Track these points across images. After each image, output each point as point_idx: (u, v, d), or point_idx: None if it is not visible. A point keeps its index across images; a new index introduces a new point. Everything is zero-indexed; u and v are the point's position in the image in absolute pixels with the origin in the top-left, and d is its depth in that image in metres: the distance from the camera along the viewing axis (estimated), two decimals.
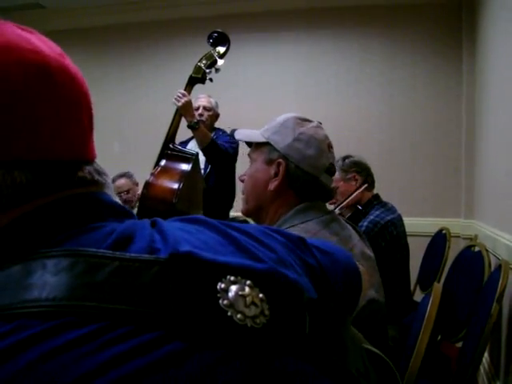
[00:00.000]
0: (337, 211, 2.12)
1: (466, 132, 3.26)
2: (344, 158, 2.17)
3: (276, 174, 1.08)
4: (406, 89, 3.44)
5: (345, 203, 2.11)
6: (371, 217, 1.98)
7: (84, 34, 4.06)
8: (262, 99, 3.60)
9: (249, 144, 1.21)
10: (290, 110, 1.19)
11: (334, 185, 2.05)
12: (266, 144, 1.11)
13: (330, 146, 1.12)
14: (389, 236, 1.95)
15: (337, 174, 2.13)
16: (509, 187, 2.05)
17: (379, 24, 3.50)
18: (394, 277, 2.02)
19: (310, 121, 1.13)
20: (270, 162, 1.10)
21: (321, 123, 1.15)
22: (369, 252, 1.15)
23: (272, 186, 1.08)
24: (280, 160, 1.08)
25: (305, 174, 1.07)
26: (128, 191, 3.05)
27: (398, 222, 2.05)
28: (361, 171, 2.14)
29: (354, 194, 2.10)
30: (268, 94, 3.63)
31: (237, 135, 1.21)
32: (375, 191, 2.22)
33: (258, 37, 3.73)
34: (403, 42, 3.45)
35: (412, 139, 3.42)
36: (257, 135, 1.14)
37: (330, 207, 2.09)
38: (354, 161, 2.17)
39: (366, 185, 2.14)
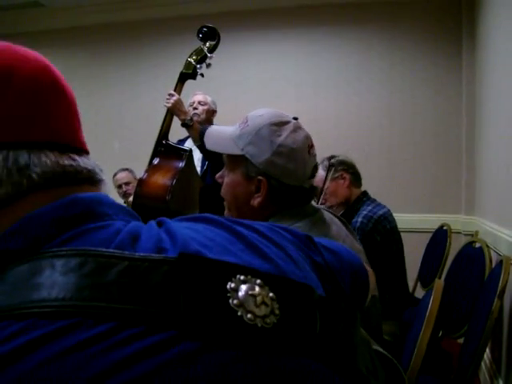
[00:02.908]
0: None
1: (466, 128, 3.26)
2: (329, 158, 2.18)
3: (258, 189, 1.02)
4: (405, 85, 3.44)
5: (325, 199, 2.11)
6: (364, 212, 2.00)
7: (83, 32, 4.05)
8: (261, 97, 3.59)
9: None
10: (289, 107, 1.16)
11: (322, 185, 2.06)
12: (243, 156, 1.02)
13: (310, 147, 1.04)
14: (383, 230, 1.97)
15: (324, 175, 2.13)
16: (509, 183, 2.05)
17: (378, 20, 3.49)
18: (391, 271, 2.03)
19: (286, 122, 1.03)
20: (248, 178, 1.02)
21: (297, 118, 1.06)
22: (358, 245, 1.14)
23: (255, 202, 1.02)
24: (260, 177, 1.01)
25: (288, 187, 1.02)
26: (128, 183, 3.09)
27: (389, 217, 2.06)
28: (347, 169, 2.15)
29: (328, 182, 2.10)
30: (267, 91, 3.62)
31: (208, 145, 1.11)
32: (375, 188, 2.22)
33: (257, 34, 3.72)
34: (403, 39, 3.44)
35: (412, 136, 3.42)
36: (230, 144, 1.04)
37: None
38: (339, 160, 2.18)
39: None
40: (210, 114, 2.75)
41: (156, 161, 1.84)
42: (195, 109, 2.64)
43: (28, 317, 0.33)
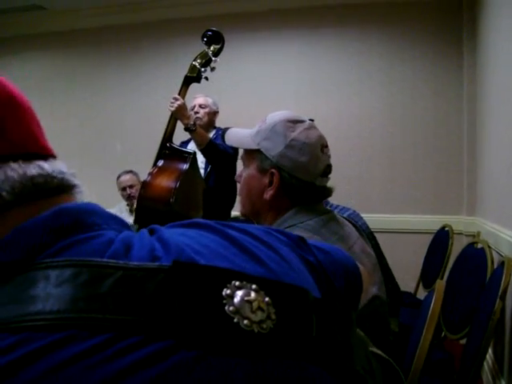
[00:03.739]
0: None
1: (468, 129, 3.25)
2: None
3: (270, 183, 1.06)
4: (406, 86, 3.44)
5: None
6: None
7: (84, 34, 4.06)
8: (262, 98, 3.59)
9: None
10: (290, 109, 1.16)
11: None
12: (258, 150, 1.07)
13: (324, 146, 1.08)
14: None
15: None
16: (511, 184, 2.05)
17: (379, 21, 3.49)
18: None
19: (301, 121, 1.08)
20: (263, 171, 1.07)
21: (313, 120, 1.10)
22: (369, 249, 1.15)
23: (267, 195, 1.06)
24: (273, 170, 1.05)
25: (299, 181, 1.04)
26: (132, 186, 3.09)
27: (355, 217, 2.05)
28: None
29: None
30: (269, 92, 3.63)
31: (227, 140, 1.17)
32: (377, 189, 2.22)
33: (258, 36, 3.73)
34: (403, 39, 3.45)
35: (413, 136, 3.42)
36: (248, 140, 1.10)
37: None
38: None
39: None
40: (212, 115, 2.75)
41: (160, 163, 1.85)
42: (196, 113, 2.65)
43: (24, 330, 0.33)
